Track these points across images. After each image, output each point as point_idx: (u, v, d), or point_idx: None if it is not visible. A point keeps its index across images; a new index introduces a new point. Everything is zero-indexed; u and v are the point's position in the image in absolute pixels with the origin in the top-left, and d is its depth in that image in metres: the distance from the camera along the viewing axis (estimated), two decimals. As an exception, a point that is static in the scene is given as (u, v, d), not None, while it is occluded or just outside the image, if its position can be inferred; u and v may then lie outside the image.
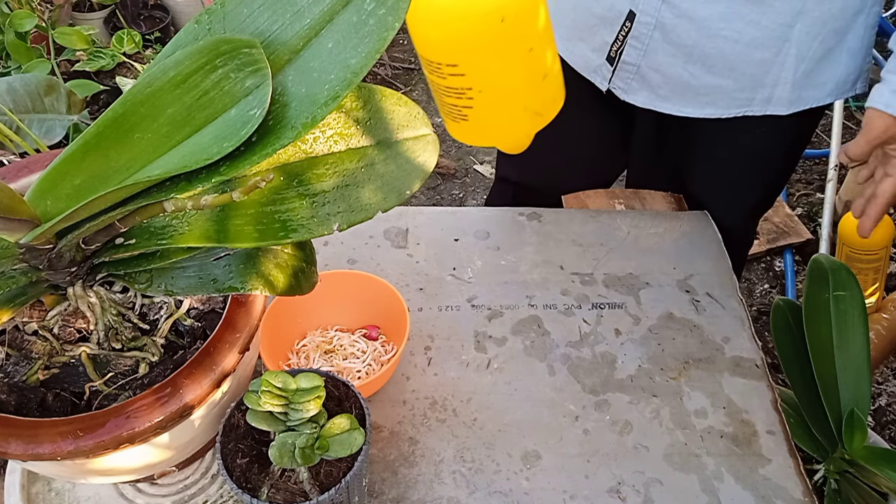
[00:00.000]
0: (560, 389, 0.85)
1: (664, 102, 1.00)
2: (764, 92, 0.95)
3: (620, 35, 0.96)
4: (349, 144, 0.54)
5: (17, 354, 0.60)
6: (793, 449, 0.80)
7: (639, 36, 0.95)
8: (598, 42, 0.99)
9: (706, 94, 0.97)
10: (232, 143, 0.45)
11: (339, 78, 0.45)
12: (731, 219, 1.09)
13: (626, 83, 1.00)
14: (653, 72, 0.97)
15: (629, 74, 0.99)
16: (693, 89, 0.97)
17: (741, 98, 0.96)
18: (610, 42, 0.98)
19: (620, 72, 0.99)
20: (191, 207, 0.47)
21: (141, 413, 0.55)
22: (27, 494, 0.75)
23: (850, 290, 1.01)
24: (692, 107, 0.99)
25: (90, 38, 2.08)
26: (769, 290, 1.91)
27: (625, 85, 1.00)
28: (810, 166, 2.22)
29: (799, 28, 0.89)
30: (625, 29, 0.95)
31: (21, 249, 0.53)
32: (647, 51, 0.95)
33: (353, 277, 0.87)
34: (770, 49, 0.91)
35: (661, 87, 0.99)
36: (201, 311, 0.65)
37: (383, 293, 0.85)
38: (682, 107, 0.99)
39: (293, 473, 0.64)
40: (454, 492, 0.76)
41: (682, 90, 0.98)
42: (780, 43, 0.90)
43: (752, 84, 0.94)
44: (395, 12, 0.45)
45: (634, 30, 0.94)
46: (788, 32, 0.89)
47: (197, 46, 0.48)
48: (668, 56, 0.95)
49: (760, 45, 0.90)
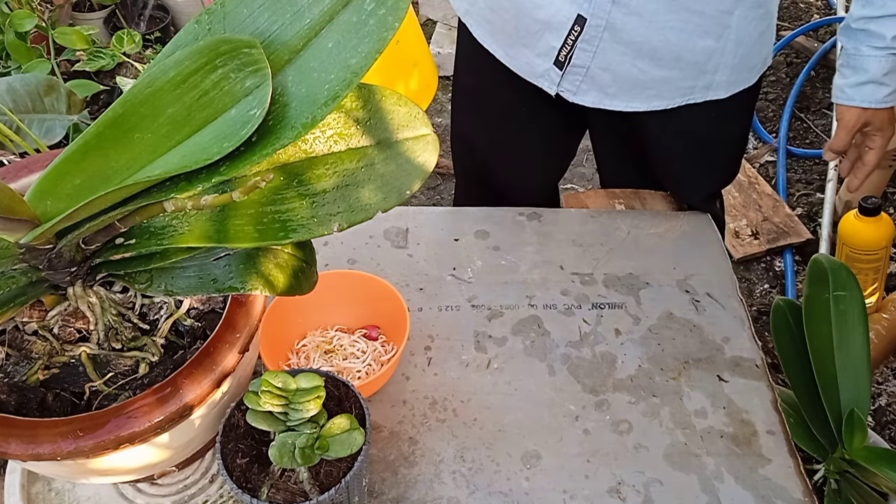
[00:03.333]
0: (560, 389, 0.85)
1: (612, 100, 1.01)
2: (705, 79, 0.99)
3: (569, 39, 0.96)
4: (349, 144, 0.54)
5: (17, 354, 0.60)
6: (793, 449, 0.80)
7: (589, 39, 0.96)
8: (544, 47, 1.00)
9: (653, 87, 0.99)
10: (232, 143, 0.45)
11: (339, 78, 0.45)
12: (694, 202, 1.12)
13: (574, 85, 1.01)
14: (602, 72, 0.99)
15: (578, 77, 1.00)
16: (641, 84, 0.99)
17: (684, 87, 0.99)
18: (557, 47, 0.98)
19: (569, 75, 1.00)
20: (191, 207, 0.47)
21: (141, 413, 0.55)
22: (27, 494, 0.75)
23: (850, 290, 1.01)
24: (639, 101, 1.01)
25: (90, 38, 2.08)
26: (769, 290, 1.91)
27: (573, 87, 1.01)
28: (810, 166, 2.22)
29: (738, 14, 0.94)
30: (574, 33, 0.95)
31: (21, 249, 0.53)
32: (597, 52, 0.97)
33: (353, 277, 0.87)
34: (713, 35, 0.94)
35: (610, 86, 1.00)
36: (201, 311, 0.65)
37: (383, 293, 0.85)
38: (629, 102, 1.01)
39: (293, 473, 0.64)
40: (454, 492, 0.76)
41: (630, 86, 0.99)
42: (722, 29, 0.94)
43: (695, 72, 0.98)
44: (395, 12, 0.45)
45: (585, 33, 0.95)
46: (729, 19, 0.94)
47: (197, 46, 0.48)
48: (617, 55, 0.96)
49: (704, 32, 0.94)
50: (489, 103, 1.16)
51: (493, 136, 1.20)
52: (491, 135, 1.20)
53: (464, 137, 1.25)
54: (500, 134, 1.19)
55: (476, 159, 1.23)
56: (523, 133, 1.17)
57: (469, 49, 1.11)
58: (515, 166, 1.22)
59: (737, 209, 2.03)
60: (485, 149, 1.21)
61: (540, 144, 1.20)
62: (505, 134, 1.18)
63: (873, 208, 1.60)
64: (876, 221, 1.61)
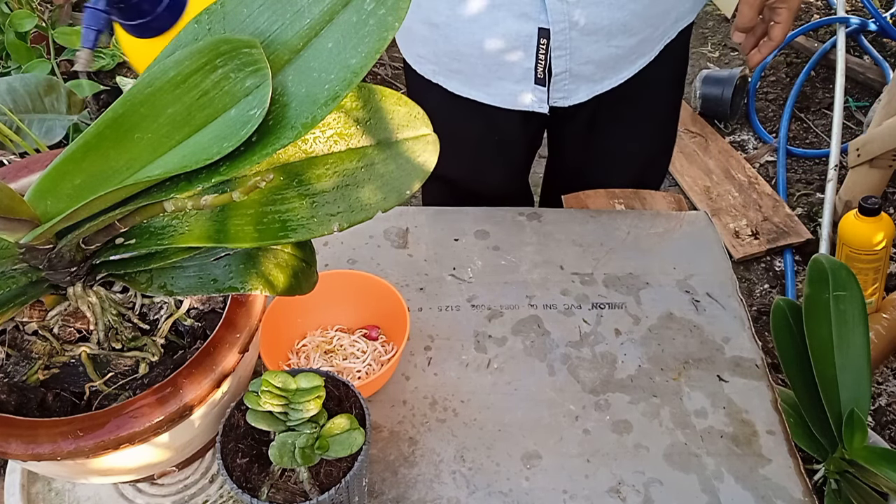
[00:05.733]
0: (560, 389, 0.85)
1: (602, 83, 1.02)
2: (674, 15, 1.00)
3: (540, 54, 0.97)
4: (349, 144, 0.54)
5: (17, 354, 0.60)
6: (793, 449, 0.80)
7: (559, 44, 0.96)
8: (519, 72, 1.00)
9: (635, 51, 1.00)
10: (232, 143, 0.45)
11: (339, 78, 0.45)
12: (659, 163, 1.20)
13: (564, 91, 1.01)
14: (583, 66, 0.99)
15: (564, 82, 1.00)
16: (622, 57, 1.00)
17: (660, 34, 1.01)
18: (531, 66, 0.98)
19: (555, 84, 1.00)
20: (191, 207, 0.47)
21: (141, 413, 0.55)
22: (27, 494, 0.75)
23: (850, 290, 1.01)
24: (627, 70, 1.02)
25: (90, 39, 2.08)
26: (769, 290, 1.91)
27: (564, 93, 1.02)
28: (810, 166, 2.22)
29: None
30: (542, 46, 0.95)
31: (21, 249, 0.53)
32: (572, 52, 0.97)
33: (353, 277, 0.87)
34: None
35: (596, 73, 1.01)
36: (201, 311, 0.65)
37: (383, 293, 0.85)
38: (618, 76, 1.02)
39: (293, 473, 0.64)
40: (454, 492, 0.76)
41: (614, 63, 1.00)
42: None
43: (665, 18, 0.99)
44: (395, 12, 0.45)
45: (553, 41, 0.95)
46: None
47: (197, 46, 0.48)
48: (591, 45, 0.97)
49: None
50: (464, 141, 1.15)
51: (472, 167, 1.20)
52: (470, 167, 1.20)
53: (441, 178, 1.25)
54: (478, 162, 1.20)
55: (457, 193, 1.23)
56: (500, 156, 1.18)
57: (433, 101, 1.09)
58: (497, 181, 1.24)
59: (737, 209, 2.03)
60: (465, 181, 1.22)
61: (518, 155, 1.22)
62: (482, 163, 1.20)
63: (873, 208, 1.60)
64: (876, 221, 1.61)
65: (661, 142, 1.23)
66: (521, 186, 1.30)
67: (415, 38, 1.06)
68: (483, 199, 1.12)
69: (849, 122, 2.31)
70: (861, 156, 1.88)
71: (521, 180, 1.29)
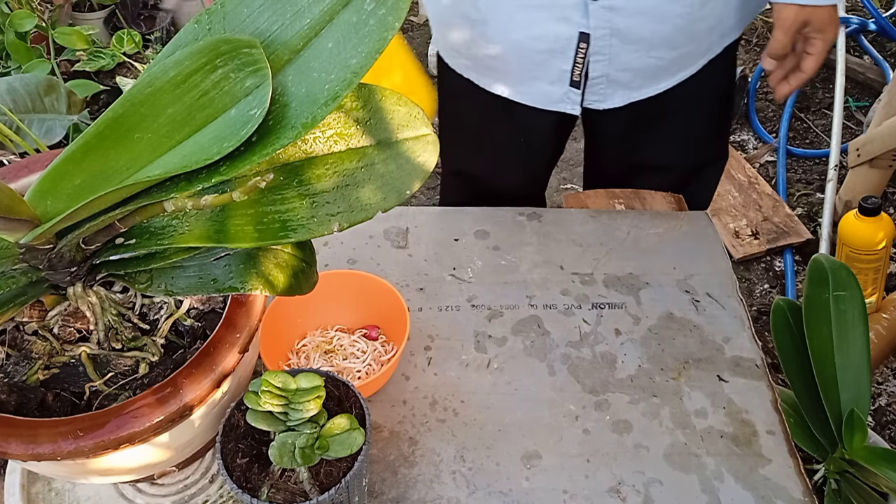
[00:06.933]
0: (560, 389, 0.85)
1: (639, 91, 1.02)
2: (719, 31, 0.99)
3: (578, 58, 0.96)
4: (349, 144, 0.53)
5: (17, 354, 0.60)
6: (793, 449, 0.80)
7: (599, 50, 0.96)
8: (555, 73, 1.00)
9: (676, 63, 0.99)
10: (232, 143, 0.45)
11: (339, 78, 0.45)
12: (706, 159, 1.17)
13: (599, 95, 1.01)
14: (621, 72, 0.99)
15: (601, 86, 1.00)
16: (662, 68, 0.99)
17: (703, 49, 1.00)
18: (568, 69, 0.98)
19: (592, 87, 1.00)
20: (191, 207, 0.47)
21: (141, 413, 0.55)
22: (27, 494, 0.75)
23: (850, 290, 1.01)
24: (667, 81, 1.01)
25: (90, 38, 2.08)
26: (769, 290, 1.91)
27: (599, 97, 1.02)
28: (810, 166, 2.22)
29: None
30: (581, 51, 0.95)
31: (21, 249, 0.53)
32: (612, 58, 0.97)
33: (353, 277, 0.87)
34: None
35: (633, 81, 1.00)
36: (201, 311, 0.65)
37: (383, 293, 0.85)
38: (656, 86, 1.02)
39: (293, 473, 0.64)
40: (454, 492, 0.76)
41: (653, 73, 1.00)
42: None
43: (710, 35, 0.98)
44: (395, 12, 0.45)
45: (592, 46, 0.95)
46: None
47: (197, 46, 0.48)
48: (631, 54, 0.96)
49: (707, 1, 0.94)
50: (490, 139, 1.16)
51: (495, 165, 1.20)
52: (493, 165, 1.20)
53: (463, 174, 1.26)
54: (503, 161, 1.19)
55: (478, 189, 1.24)
56: (524, 154, 1.18)
57: (464, 96, 1.10)
58: (518, 181, 1.23)
59: (737, 209, 2.03)
60: (487, 178, 1.22)
61: (542, 158, 1.21)
62: (506, 162, 1.19)
63: (873, 208, 1.60)
64: (876, 221, 1.61)
65: (705, 156, 1.19)
66: (539, 192, 1.30)
67: (450, 31, 1.05)
68: (499, 200, 1.12)
69: (849, 122, 2.31)
70: (861, 156, 1.88)
71: (540, 186, 1.29)
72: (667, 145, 1.14)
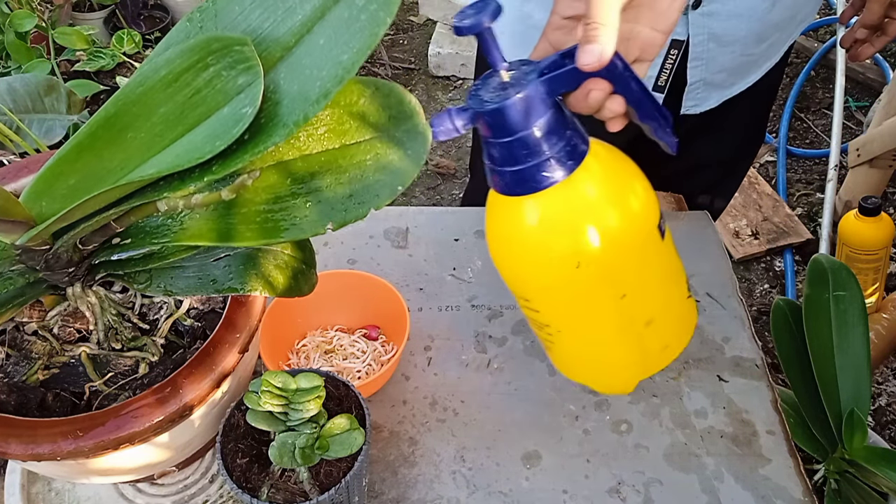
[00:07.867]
0: (560, 389, 0.85)
1: (731, 89, 1.02)
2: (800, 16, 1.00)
3: (666, 64, 0.97)
4: (342, 141, 0.53)
5: (17, 354, 0.60)
6: (793, 449, 0.80)
7: (697, 55, 0.96)
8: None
9: (764, 55, 1.00)
10: (224, 141, 0.44)
11: (331, 75, 0.44)
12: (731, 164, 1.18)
13: (696, 99, 1.02)
14: (717, 74, 0.99)
15: (698, 91, 1.01)
16: (753, 63, 1.00)
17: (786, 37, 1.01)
18: (654, 75, 0.98)
19: (689, 92, 1.01)
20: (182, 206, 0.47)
21: (141, 413, 0.55)
22: (27, 494, 0.75)
23: (850, 290, 1.01)
24: (755, 74, 1.02)
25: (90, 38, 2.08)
26: (769, 290, 1.91)
27: (696, 101, 1.02)
28: (810, 166, 2.22)
29: None
30: (670, 58, 0.96)
31: (17, 251, 0.53)
32: (708, 62, 0.97)
33: (353, 277, 0.87)
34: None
35: (727, 80, 1.01)
36: (201, 311, 0.65)
37: (383, 293, 0.85)
38: (746, 80, 1.02)
39: (293, 473, 0.64)
40: (454, 492, 0.76)
41: (746, 69, 1.01)
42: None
43: (791, 21, 0.99)
44: (387, 7, 0.44)
45: (691, 53, 0.96)
46: None
47: (188, 44, 0.48)
48: (727, 55, 0.97)
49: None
50: None
51: None
52: None
53: None
54: None
55: None
56: None
57: None
58: None
59: (737, 209, 2.03)
60: None
61: None
62: None
63: (873, 208, 1.60)
64: (876, 221, 1.61)
65: (744, 150, 1.22)
66: None
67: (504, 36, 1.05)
68: None
69: (849, 122, 2.31)
70: (861, 156, 1.88)
71: None
72: (720, 142, 1.15)
